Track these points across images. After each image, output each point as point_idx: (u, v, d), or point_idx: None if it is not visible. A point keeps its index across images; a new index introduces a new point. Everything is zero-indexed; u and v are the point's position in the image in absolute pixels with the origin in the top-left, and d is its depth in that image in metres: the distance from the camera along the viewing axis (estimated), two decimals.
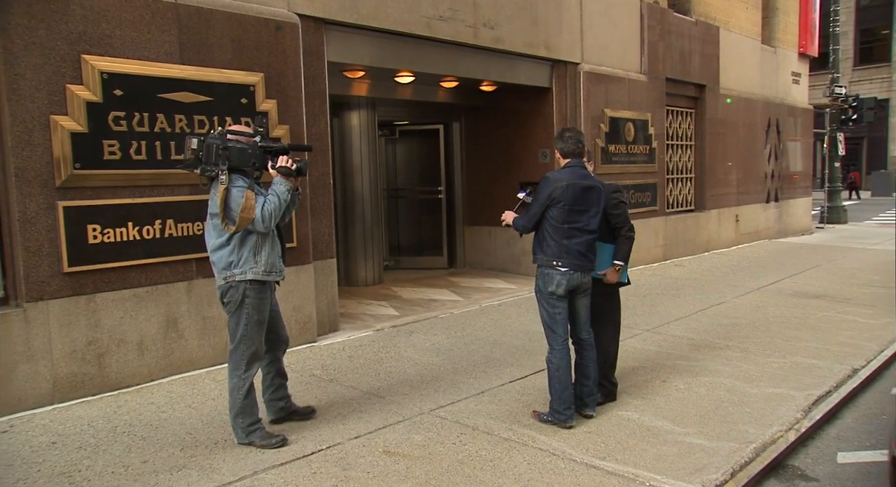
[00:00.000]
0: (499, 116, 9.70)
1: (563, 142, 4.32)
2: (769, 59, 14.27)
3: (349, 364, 5.60)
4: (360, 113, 8.75)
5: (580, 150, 4.31)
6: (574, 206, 4.18)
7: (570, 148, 4.30)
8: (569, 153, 4.31)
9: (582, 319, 4.39)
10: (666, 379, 5.23)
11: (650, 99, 10.56)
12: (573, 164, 4.29)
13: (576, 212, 4.19)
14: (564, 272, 4.19)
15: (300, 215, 5.97)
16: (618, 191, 4.66)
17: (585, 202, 4.22)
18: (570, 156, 4.31)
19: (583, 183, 4.22)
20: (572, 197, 4.17)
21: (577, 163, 4.29)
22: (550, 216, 4.20)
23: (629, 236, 4.63)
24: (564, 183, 4.18)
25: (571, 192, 4.17)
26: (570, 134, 4.33)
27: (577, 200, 4.18)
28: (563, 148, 4.32)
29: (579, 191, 4.19)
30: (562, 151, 4.33)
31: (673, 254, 11.17)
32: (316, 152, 6.24)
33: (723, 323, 6.99)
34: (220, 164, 3.77)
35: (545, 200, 4.19)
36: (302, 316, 6.02)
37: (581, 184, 4.21)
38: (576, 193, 4.18)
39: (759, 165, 14.00)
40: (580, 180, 4.22)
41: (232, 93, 5.43)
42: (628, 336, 6.45)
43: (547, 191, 4.19)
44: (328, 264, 6.45)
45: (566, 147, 4.31)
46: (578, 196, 4.18)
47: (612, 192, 4.59)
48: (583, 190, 4.20)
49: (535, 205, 4.24)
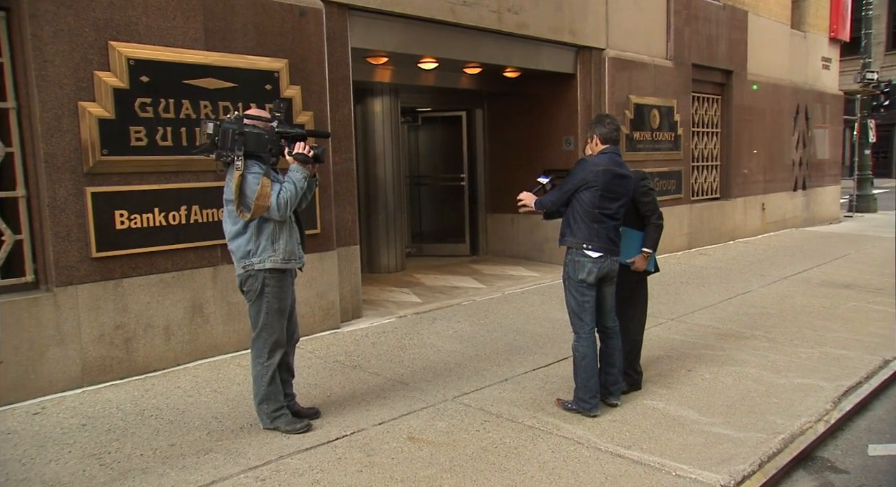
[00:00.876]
0: (522, 103, 9.63)
1: (603, 126, 4.27)
2: (799, 44, 13.98)
3: (373, 350, 5.61)
4: (382, 99, 8.72)
5: (617, 137, 4.28)
6: (606, 192, 4.14)
7: (609, 133, 4.26)
8: (607, 138, 4.26)
9: (608, 307, 4.35)
10: (691, 368, 5.18)
11: (676, 85, 10.41)
12: (610, 150, 4.25)
13: (607, 198, 4.15)
14: (596, 258, 4.15)
15: (324, 202, 5.97)
16: (645, 179, 4.61)
17: (618, 189, 4.18)
18: (608, 142, 4.27)
19: (618, 170, 4.18)
20: (606, 182, 4.13)
21: (614, 150, 4.26)
22: (582, 199, 4.16)
23: (659, 224, 4.59)
24: (602, 167, 4.14)
25: (607, 178, 4.13)
26: (609, 120, 4.30)
27: (611, 187, 4.15)
28: (602, 133, 4.27)
29: (613, 178, 4.15)
30: (601, 136, 4.27)
31: (698, 243, 11.04)
32: (339, 138, 6.24)
33: (749, 312, 6.90)
34: (235, 150, 3.76)
35: (579, 182, 4.15)
36: (325, 302, 6.04)
37: (616, 171, 4.17)
38: (609, 180, 4.14)
39: (787, 152, 13.76)
40: (616, 167, 4.18)
41: (256, 80, 5.43)
42: (653, 324, 6.37)
43: (582, 173, 4.15)
44: (351, 251, 6.46)
45: (605, 132, 4.26)
46: (612, 182, 4.15)
47: (640, 180, 4.54)
48: (617, 177, 4.17)
49: (567, 185, 4.19)
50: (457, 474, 3.50)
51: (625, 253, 4.43)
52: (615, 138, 4.26)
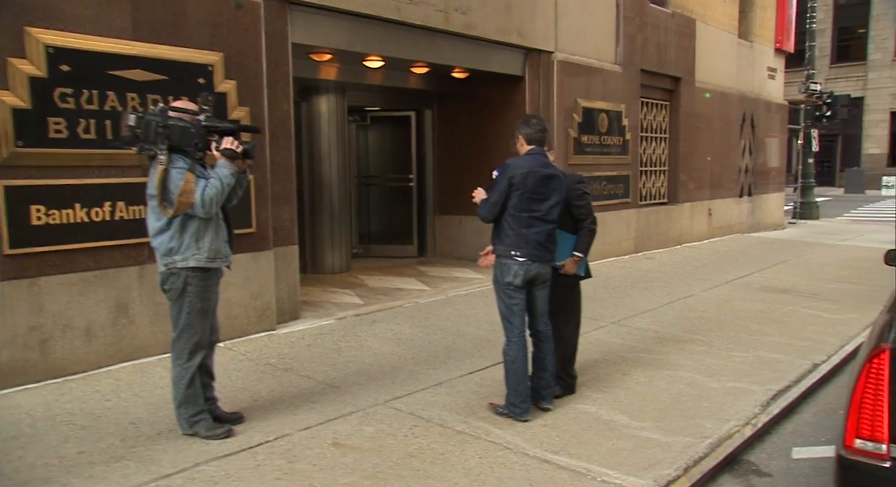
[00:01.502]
0: (471, 104, 9.59)
1: (528, 127, 4.22)
2: (745, 54, 14.27)
3: (307, 353, 5.48)
4: (328, 97, 8.58)
5: (544, 138, 4.22)
6: (533, 195, 4.08)
7: (535, 134, 4.20)
8: (533, 139, 4.21)
9: (539, 311, 4.30)
10: (627, 372, 5.18)
11: (625, 90, 10.50)
12: (535, 152, 4.20)
13: (535, 200, 4.10)
14: (522, 262, 4.10)
15: (260, 200, 5.81)
16: (581, 182, 4.57)
17: (545, 190, 4.12)
18: (534, 143, 4.21)
19: (543, 171, 4.12)
20: (532, 185, 4.08)
21: (539, 151, 4.20)
22: (509, 204, 4.11)
23: (591, 228, 4.55)
24: (525, 170, 4.08)
25: (532, 180, 4.08)
26: (535, 120, 4.24)
27: (537, 188, 4.09)
28: (527, 134, 4.22)
29: (539, 180, 4.09)
30: (526, 137, 4.23)
31: (645, 247, 11.15)
32: (278, 136, 6.09)
33: (689, 316, 6.96)
34: (158, 143, 3.60)
35: (505, 187, 4.09)
36: (260, 303, 5.88)
37: (541, 172, 4.11)
38: (535, 181, 4.08)
39: (734, 159, 14.02)
40: (541, 168, 4.12)
41: (189, 73, 5.25)
42: (593, 328, 6.39)
43: (505, 179, 4.09)
44: (289, 251, 6.31)
45: (531, 133, 4.21)
46: (538, 184, 4.09)
47: (575, 183, 4.51)
48: (543, 178, 4.11)
49: (494, 193, 4.13)
50: (379, 481, 3.40)
51: (557, 256, 4.39)
52: (540, 139, 4.21)
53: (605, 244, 10.09)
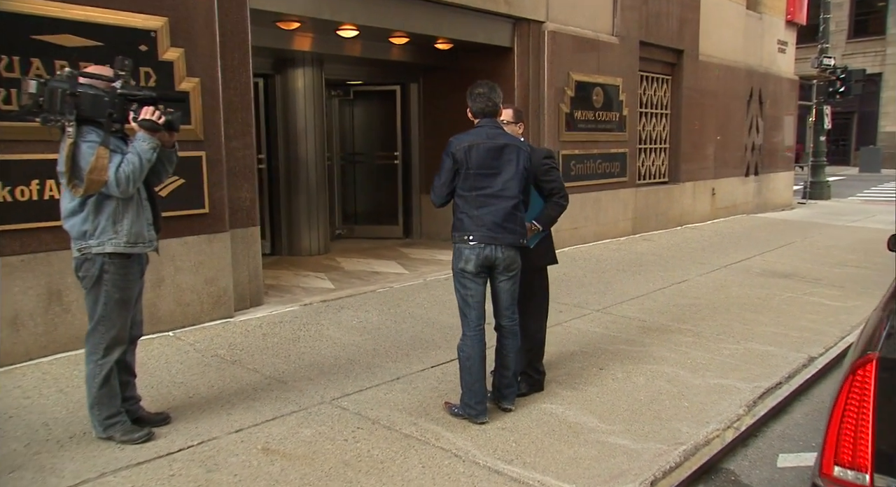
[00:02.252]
0: (458, 78, 9.06)
1: (472, 100, 3.78)
2: (754, 26, 13.63)
3: (261, 343, 5.10)
4: (304, 70, 8.12)
5: (491, 109, 3.77)
6: (480, 170, 3.66)
7: (480, 106, 3.76)
8: (478, 112, 3.79)
9: (503, 303, 3.87)
10: (604, 366, 4.76)
11: (622, 63, 9.96)
12: (483, 124, 3.77)
13: (483, 176, 3.67)
14: (473, 246, 3.67)
15: (213, 179, 5.40)
16: (549, 157, 4.14)
17: (496, 164, 3.69)
18: (481, 116, 3.78)
19: (489, 143, 3.68)
20: (477, 159, 3.65)
21: (488, 123, 3.77)
22: (457, 185, 3.69)
23: (560, 203, 4.13)
24: (466, 143, 3.66)
25: (475, 154, 3.65)
26: (480, 90, 3.78)
27: (484, 162, 3.66)
28: (472, 107, 3.79)
29: (485, 152, 3.66)
30: (472, 111, 3.80)
31: (643, 228, 10.67)
32: (235, 109, 5.67)
33: (680, 303, 6.52)
34: (66, 113, 3.19)
35: (450, 165, 3.67)
36: (215, 289, 5.49)
37: (487, 145, 3.67)
38: (481, 155, 3.66)
39: (739, 137, 13.46)
40: (486, 140, 3.69)
41: (127, 39, 4.82)
42: (575, 316, 5.98)
43: (450, 157, 3.68)
44: (250, 233, 5.90)
45: (475, 105, 3.77)
46: (484, 157, 3.66)
47: (542, 158, 4.07)
48: (489, 150, 3.67)
49: (441, 174, 3.72)
50: None
51: None
52: (488, 110, 3.77)
53: (599, 225, 9.64)
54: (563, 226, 9.02)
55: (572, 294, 6.79)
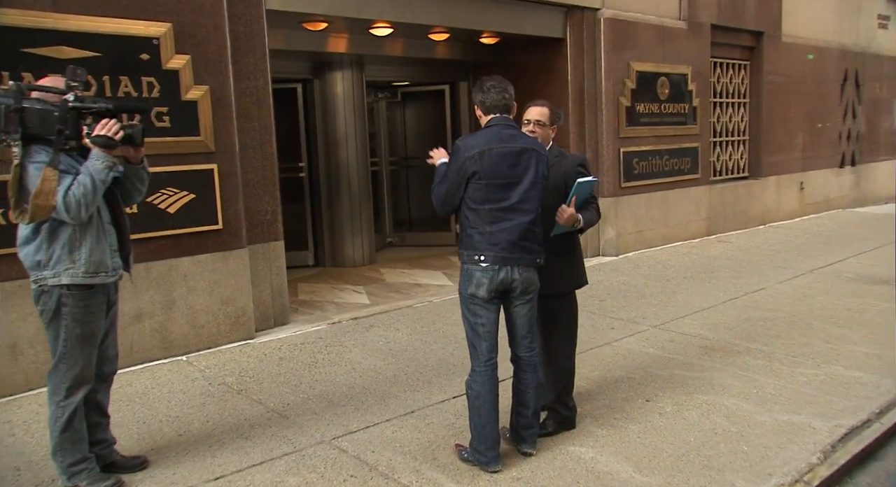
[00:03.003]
0: (508, 73, 8.33)
1: (482, 93, 3.24)
2: (848, 0, 12.35)
3: (275, 369, 4.73)
4: (343, 73, 7.77)
5: (505, 104, 3.22)
6: (494, 179, 3.11)
7: (493, 100, 3.21)
8: (490, 108, 3.23)
9: (520, 332, 3.32)
10: (652, 396, 4.12)
11: (691, 50, 9.11)
12: (495, 122, 3.21)
13: (498, 186, 3.12)
14: (485, 267, 3.14)
15: (227, 192, 5.08)
16: (583, 165, 3.57)
17: (512, 172, 3.14)
18: (494, 112, 3.23)
19: (505, 147, 3.13)
20: (490, 166, 3.10)
21: (501, 121, 3.20)
22: (467, 196, 3.16)
23: (597, 212, 3.57)
24: (477, 150, 3.11)
25: (488, 160, 3.10)
26: (492, 83, 3.23)
27: (498, 170, 3.11)
28: (482, 101, 3.24)
29: (499, 158, 3.11)
30: (482, 106, 3.26)
31: (719, 229, 9.77)
32: (252, 117, 5.35)
33: (752, 316, 5.74)
34: (10, 131, 2.88)
35: (457, 175, 3.14)
36: (233, 309, 5.18)
37: (502, 149, 3.12)
38: (494, 161, 3.10)
39: (832, 124, 12.23)
40: (500, 144, 3.13)
41: (128, 48, 4.55)
42: (628, 333, 5.33)
43: (457, 163, 3.14)
44: (272, 248, 5.56)
45: (487, 99, 3.22)
46: (498, 164, 3.11)
47: (576, 165, 3.52)
48: (505, 156, 3.12)
49: (445, 181, 3.20)
50: None
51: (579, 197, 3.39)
52: (503, 105, 3.21)
53: (667, 227, 8.85)
54: (626, 229, 8.36)
55: (629, 306, 6.11)
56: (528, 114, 3.52)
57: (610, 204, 8.15)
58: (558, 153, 3.55)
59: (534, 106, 3.55)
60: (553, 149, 3.55)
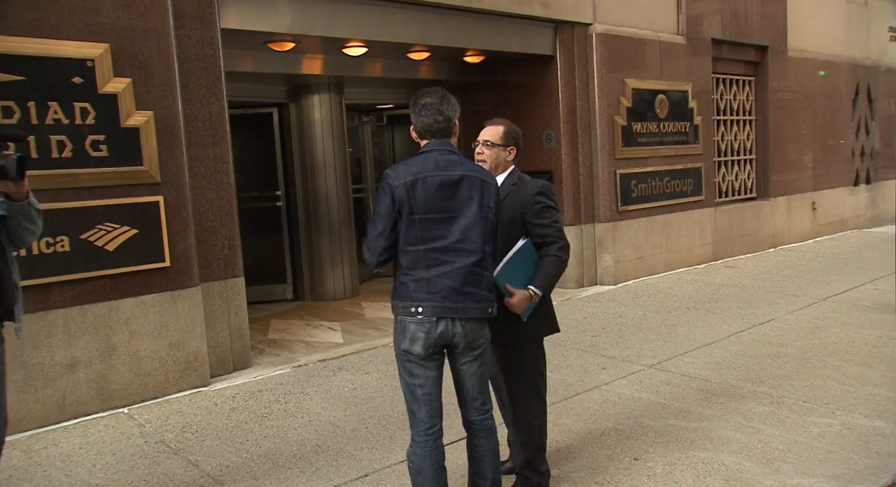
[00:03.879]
0: (497, 93, 8.12)
1: (415, 113, 2.76)
2: (858, 13, 11.90)
3: (223, 422, 4.25)
4: (320, 97, 7.36)
5: (441, 126, 2.72)
6: (429, 214, 2.62)
7: (426, 122, 2.73)
8: (423, 131, 2.75)
9: (470, 392, 2.80)
10: (642, 454, 3.59)
11: (691, 66, 8.66)
12: (431, 147, 2.73)
13: (433, 222, 2.63)
14: (421, 320, 2.64)
15: (174, 226, 4.65)
16: (543, 193, 3.04)
17: (450, 204, 2.64)
18: (430, 136, 2.75)
19: (441, 175, 2.64)
20: (424, 199, 2.61)
21: (438, 146, 2.72)
22: (400, 236, 2.68)
23: (560, 257, 3.01)
24: (408, 179, 2.63)
25: (422, 192, 2.62)
26: (428, 99, 2.75)
27: (434, 203, 2.62)
28: (416, 123, 2.77)
29: (434, 189, 2.62)
30: (417, 128, 2.78)
31: (726, 253, 9.23)
32: (204, 145, 4.94)
33: (760, 353, 5.20)
34: None
35: (388, 210, 2.65)
36: (183, 354, 4.72)
37: (437, 178, 2.64)
38: (429, 192, 2.62)
39: (845, 141, 11.70)
40: (436, 172, 2.65)
41: (58, 71, 4.16)
42: (620, 375, 4.81)
43: (386, 196, 2.66)
44: (231, 285, 5.11)
45: (420, 121, 2.75)
46: (434, 196, 2.62)
47: (534, 194, 3.01)
48: (441, 186, 2.63)
49: (376, 221, 2.69)
50: None
51: (514, 276, 2.90)
52: (441, 129, 2.73)
53: (670, 252, 8.33)
54: (625, 255, 7.85)
55: (624, 342, 5.59)
56: (480, 135, 3.07)
57: (607, 229, 7.66)
58: (517, 180, 3.07)
59: (487, 125, 3.09)
60: (512, 175, 3.08)
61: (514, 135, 3.09)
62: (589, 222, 7.66)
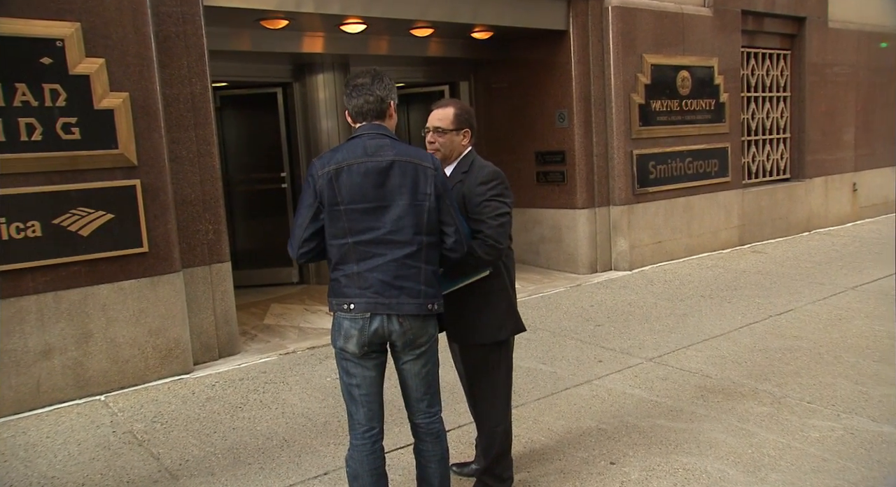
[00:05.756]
0: (509, 71, 7.81)
1: (347, 95, 2.54)
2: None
3: (195, 412, 4.15)
4: (324, 76, 7.17)
5: (372, 107, 2.49)
6: (356, 204, 2.41)
7: (357, 103, 2.50)
8: (356, 113, 2.53)
9: (414, 394, 2.62)
10: (620, 457, 3.36)
11: (718, 40, 8.19)
12: (360, 132, 2.51)
13: (360, 212, 2.42)
14: (354, 317, 2.45)
15: (153, 210, 4.53)
16: (492, 182, 2.75)
17: (379, 193, 2.43)
18: (359, 119, 2.53)
19: (368, 162, 2.42)
20: (349, 187, 2.40)
21: (369, 130, 2.50)
22: (326, 229, 2.47)
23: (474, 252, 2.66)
24: (331, 168, 2.42)
25: (347, 180, 2.41)
26: (360, 80, 2.52)
27: (361, 192, 2.41)
28: (347, 105, 2.55)
29: (361, 177, 2.41)
30: (348, 112, 2.56)
31: (754, 237, 8.78)
32: (185, 125, 4.82)
33: (771, 346, 4.88)
34: None
35: (310, 201, 2.45)
36: (163, 341, 4.63)
37: (364, 165, 2.42)
38: (355, 181, 2.41)
39: (890, 118, 11.01)
40: (363, 158, 2.43)
41: (25, 52, 4.05)
42: (616, 368, 4.56)
43: (310, 187, 2.46)
44: (216, 270, 5.00)
45: (351, 103, 2.52)
46: (361, 184, 2.41)
47: (476, 185, 2.75)
48: (368, 173, 2.41)
49: (298, 213, 2.51)
50: None
51: None
52: (373, 111, 2.49)
53: (691, 237, 7.95)
54: (641, 240, 7.51)
55: (627, 333, 5.32)
56: (429, 121, 2.84)
57: (622, 213, 7.33)
58: (468, 167, 2.81)
59: (435, 108, 2.85)
60: (463, 162, 2.83)
61: (466, 116, 2.84)
62: (603, 205, 7.33)
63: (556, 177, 7.35)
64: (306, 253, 2.49)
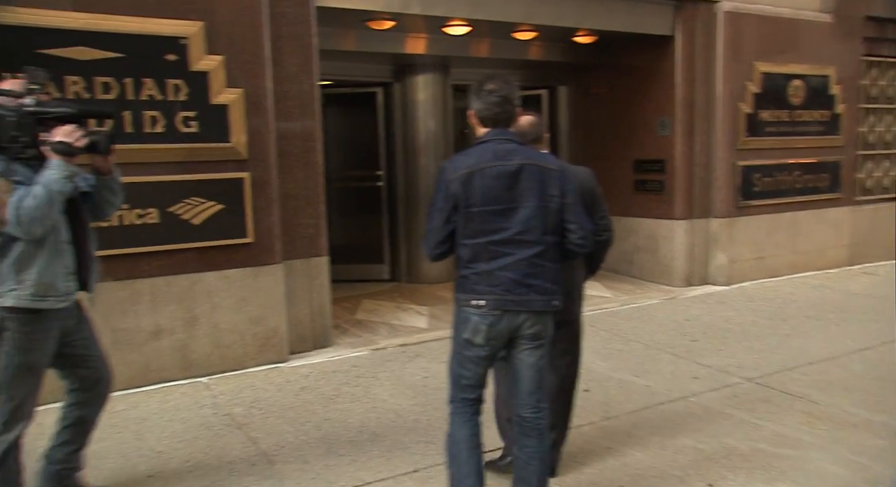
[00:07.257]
0: (610, 76, 7.66)
1: (479, 99, 2.60)
2: None
3: (290, 400, 4.27)
4: (425, 77, 7.26)
5: (506, 115, 2.58)
6: (488, 206, 2.49)
7: (489, 110, 2.57)
8: (487, 118, 2.59)
9: (525, 386, 2.67)
10: (717, 480, 3.26)
11: (835, 47, 7.77)
12: (489, 137, 2.58)
13: (492, 214, 2.50)
14: (484, 313, 2.53)
15: (259, 203, 4.70)
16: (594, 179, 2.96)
17: (510, 195, 2.50)
18: (490, 124, 2.60)
19: (499, 166, 2.50)
20: (482, 190, 2.49)
21: (498, 136, 2.57)
22: (458, 229, 2.54)
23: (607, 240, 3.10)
24: (464, 171, 2.50)
25: (479, 183, 2.49)
26: (491, 86, 2.58)
27: (493, 195, 2.49)
28: (478, 110, 2.61)
29: (493, 180, 2.49)
30: (478, 115, 2.63)
31: (865, 258, 8.27)
32: (292, 120, 4.94)
33: (885, 375, 4.58)
34: None
35: (443, 204, 2.54)
36: (262, 329, 4.79)
37: (496, 168, 2.50)
38: (487, 184, 2.48)
39: None
40: (494, 161, 2.50)
41: (153, 49, 4.29)
42: (711, 387, 4.41)
43: (442, 189, 2.55)
44: (313, 264, 5.14)
45: (484, 108, 2.59)
46: (493, 187, 2.49)
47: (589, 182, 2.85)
48: (500, 176, 2.49)
49: (431, 216, 2.61)
50: None
51: None
52: (502, 117, 2.58)
53: (796, 254, 7.58)
54: (742, 255, 7.22)
55: (725, 350, 5.12)
56: None
57: (722, 225, 7.07)
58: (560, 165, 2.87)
59: None
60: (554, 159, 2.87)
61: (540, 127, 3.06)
62: (702, 216, 7.08)
63: (655, 185, 7.16)
64: (441, 254, 2.63)
